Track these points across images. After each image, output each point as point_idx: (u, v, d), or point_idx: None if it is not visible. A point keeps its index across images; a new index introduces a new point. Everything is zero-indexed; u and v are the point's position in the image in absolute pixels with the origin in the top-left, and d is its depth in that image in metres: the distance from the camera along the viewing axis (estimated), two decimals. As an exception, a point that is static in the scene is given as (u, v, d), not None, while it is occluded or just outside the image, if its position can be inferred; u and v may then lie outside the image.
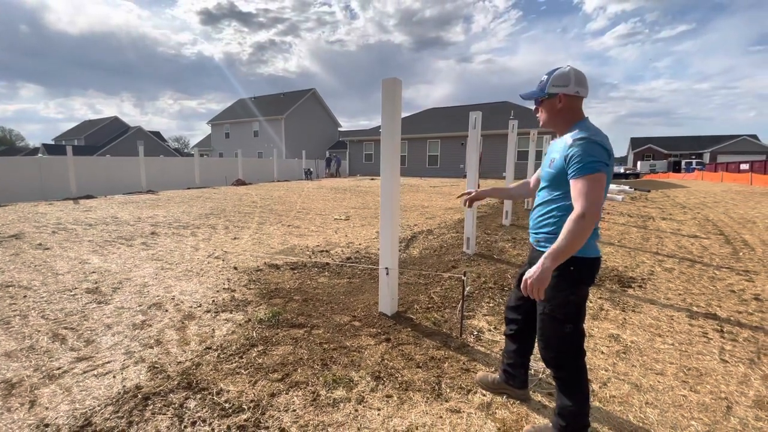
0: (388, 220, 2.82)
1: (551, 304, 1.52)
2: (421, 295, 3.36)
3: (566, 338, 1.53)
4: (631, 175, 32.75)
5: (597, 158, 1.37)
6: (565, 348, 1.54)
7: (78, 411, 1.88)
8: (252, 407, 1.89)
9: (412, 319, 2.89)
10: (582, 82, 1.52)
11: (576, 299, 1.51)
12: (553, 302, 1.51)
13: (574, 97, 1.52)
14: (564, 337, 1.53)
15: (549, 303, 1.52)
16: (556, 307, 1.51)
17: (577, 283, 1.50)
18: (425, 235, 5.85)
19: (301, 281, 3.78)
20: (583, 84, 1.53)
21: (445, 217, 7.63)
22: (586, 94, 1.54)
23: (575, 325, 1.53)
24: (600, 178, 1.35)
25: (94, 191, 12.61)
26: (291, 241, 5.56)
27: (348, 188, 14.95)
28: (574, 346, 1.54)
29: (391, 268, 2.83)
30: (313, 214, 8.14)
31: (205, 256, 4.67)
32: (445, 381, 2.09)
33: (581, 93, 1.53)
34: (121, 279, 3.84)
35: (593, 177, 1.34)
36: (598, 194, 1.33)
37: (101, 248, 5.10)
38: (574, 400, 1.53)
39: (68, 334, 2.69)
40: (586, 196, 1.33)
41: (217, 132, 38.18)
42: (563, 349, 1.54)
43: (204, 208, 8.82)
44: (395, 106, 2.71)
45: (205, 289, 3.56)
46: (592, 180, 1.34)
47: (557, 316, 1.52)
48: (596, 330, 2.74)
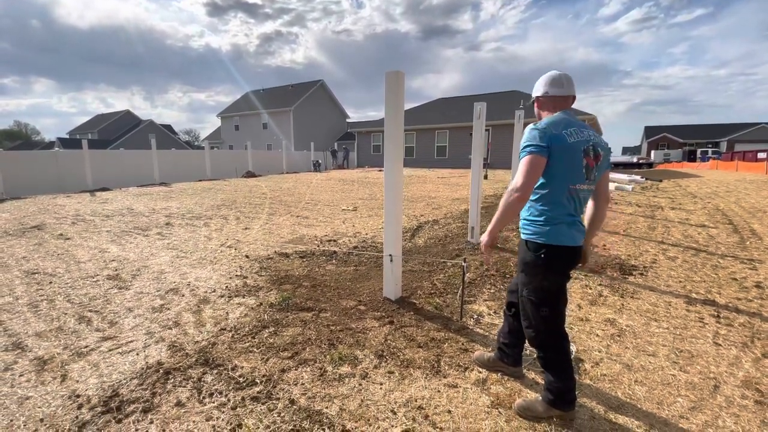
0: (392, 209, 2.93)
1: (527, 288, 1.66)
2: (425, 282, 3.48)
3: (544, 320, 1.64)
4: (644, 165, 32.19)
5: (528, 142, 1.55)
6: (543, 329, 1.66)
7: (106, 384, 2.06)
8: (264, 381, 2.04)
9: (415, 303, 3.02)
10: (553, 83, 1.68)
11: (548, 285, 1.62)
12: (529, 287, 1.65)
13: (545, 98, 1.71)
14: (541, 319, 1.65)
15: (525, 287, 1.67)
16: (532, 291, 1.65)
17: (548, 269, 1.60)
18: (431, 225, 5.95)
19: (310, 269, 3.93)
20: (555, 83, 1.68)
21: (451, 207, 7.71)
22: (558, 92, 1.68)
23: (551, 309, 1.64)
24: (528, 160, 1.53)
25: (109, 184, 12.95)
26: (300, 231, 5.72)
27: (356, 180, 15.06)
28: (551, 327, 1.66)
29: (395, 255, 2.95)
30: (321, 205, 8.28)
31: (218, 245, 4.85)
32: (444, 359, 2.22)
33: (550, 92, 1.69)
34: (140, 266, 4.04)
35: (523, 159, 1.55)
36: (525, 173, 1.52)
37: (119, 238, 5.32)
38: (557, 377, 1.66)
39: (93, 317, 2.88)
40: (517, 175, 1.56)
41: (226, 125, 38.51)
42: (541, 330, 1.66)
43: (216, 200, 9.04)
44: (398, 98, 2.80)
45: (218, 276, 3.73)
46: (523, 162, 1.55)
47: (533, 299, 1.65)
48: (593, 315, 2.84)
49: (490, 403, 1.84)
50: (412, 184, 12.98)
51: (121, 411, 1.83)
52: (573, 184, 1.57)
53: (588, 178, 1.59)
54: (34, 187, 11.61)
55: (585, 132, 1.60)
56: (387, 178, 2.92)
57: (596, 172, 1.61)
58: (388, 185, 2.92)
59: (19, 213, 7.61)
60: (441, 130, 24.21)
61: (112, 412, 1.82)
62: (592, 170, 1.59)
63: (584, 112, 19.00)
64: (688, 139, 45.67)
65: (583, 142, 1.56)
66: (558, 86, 1.67)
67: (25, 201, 9.49)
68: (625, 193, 10.60)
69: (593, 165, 1.58)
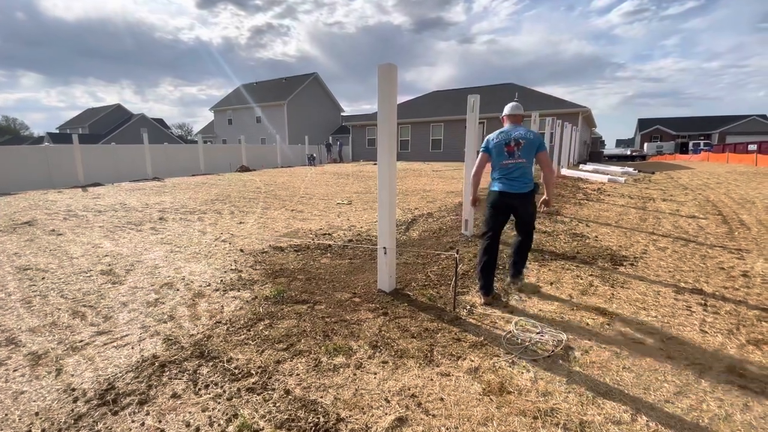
0: (385, 201, 2.94)
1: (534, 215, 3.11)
2: (419, 274, 3.51)
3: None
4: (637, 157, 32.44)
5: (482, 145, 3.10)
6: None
7: (101, 377, 2.07)
8: (259, 372, 2.06)
9: (409, 295, 3.05)
10: (505, 111, 3.15)
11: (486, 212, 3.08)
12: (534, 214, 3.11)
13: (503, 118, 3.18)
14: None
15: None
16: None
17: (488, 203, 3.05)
18: (425, 218, 5.98)
19: (305, 262, 3.94)
20: (505, 111, 3.16)
21: (446, 200, 7.74)
22: (503, 115, 3.17)
23: (486, 224, 3.07)
24: (480, 156, 3.11)
25: (101, 179, 12.81)
26: (295, 224, 5.72)
27: (350, 174, 15.03)
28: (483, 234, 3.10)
29: (388, 247, 2.97)
30: (316, 199, 8.28)
31: (213, 240, 4.84)
32: (437, 349, 2.25)
33: (501, 116, 3.20)
34: (133, 261, 4.02)
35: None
36: (477, 163, 3.14)
37: (112, 233, 5.29)
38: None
39: (87, 312, 2.88)
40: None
41: (220, 118, 38.12)
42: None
43: (209, 194, 8.99)
44: (391, 91, 2.80)
45: (213, 270, 3.73)
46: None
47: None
48: (584, 304, 2.88)
49: (482, 391, 1.87)
50: (407, 177, 12.98)
51: (117, 403, 1.84)
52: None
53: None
54: (24, 183, 11.46)
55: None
56: (381, 171, 2.93)
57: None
58: (381, 178, 2.93)
59: (9, 209, 7.51)
60: (436, 124, 24.17)
61: (108, 404, 1.84)
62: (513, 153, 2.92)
63: (579, 105, 19.05)
64: (680, 131, 46.02)
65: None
66: (504, 113, 3.17)
67: (15, 197, 9.37)
68: (618, 185, 10.69)
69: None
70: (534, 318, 2.65)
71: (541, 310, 2.78)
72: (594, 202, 7.58)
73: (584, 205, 7.30)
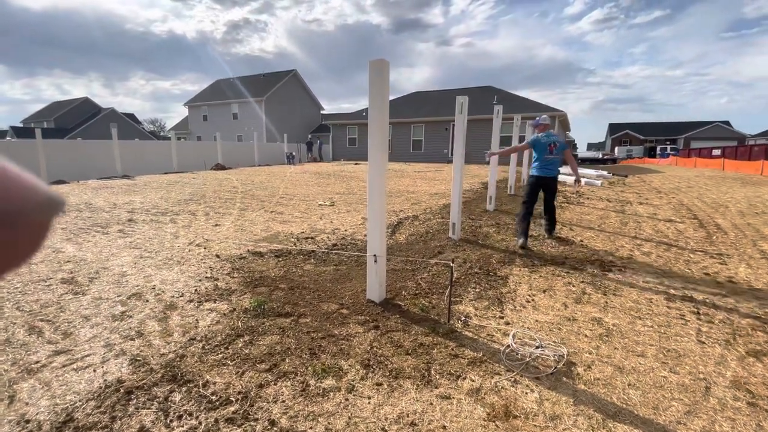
0: (376, 206, 2.78)
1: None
2: (409, 282, 3.37)
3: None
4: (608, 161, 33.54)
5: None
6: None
7: (59, 406, 1.81)
8: (240, 399, 1.85)
9: (400, 305, 2.89)
10: (544, 121, 4.70)
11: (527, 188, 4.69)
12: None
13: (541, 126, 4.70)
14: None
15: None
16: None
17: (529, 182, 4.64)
18: (411, 220, 5.85)
19: (287, 269, 3.72)
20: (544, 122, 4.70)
21: (430, 202, 7.64)
22: (542, 123, 4.69)
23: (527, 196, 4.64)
24: (524, 144, 5.15)
25: (66, 176, 12.04)
26: (275, 227, 5.46)
27: (332, 173, 14.76)
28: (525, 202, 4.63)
29: (379, 255, 2.81)
30: (296, 199, 8.01)
31: (186, 244, 4.54)
32: (435, 367, 2.10)
33: (538, 123, 4.74)
34: (98, 268, 3.70)
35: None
36: (520, 146, 5.65)
37: (75, 236, 4.89)
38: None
39: (45, 327, 2.58)
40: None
41: (194, 114, 36.87)
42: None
43: (183, 194, 8.56)
44: (383, 88, 2.64)
45: (186, 278, 3.46)
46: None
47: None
48: (579, 314, 2.81)
49: (486, 416, 1.74)
50: (390, 178, 12.84)
51: (74, 441, 1.60)
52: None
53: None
54: (-23, 180, 10.61)
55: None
56: (372, 174, 2.76)
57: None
58: (372, 181, 2.77)
59: (-41, 208, 6.89)
60: (417, 125, 24.17)
61: (62, 443, 1.59)
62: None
63: (555, 109, 19.44)
64: (648, 136, 47.94)
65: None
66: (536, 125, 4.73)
67: (-34, 195, 8.62)
68: (595, 188, 10.91)
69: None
70: (531, 330, 2.55)
71: (538, 320, 2.69)
72: (574, 206, 7.66)
73: (565, 208, 7.35)
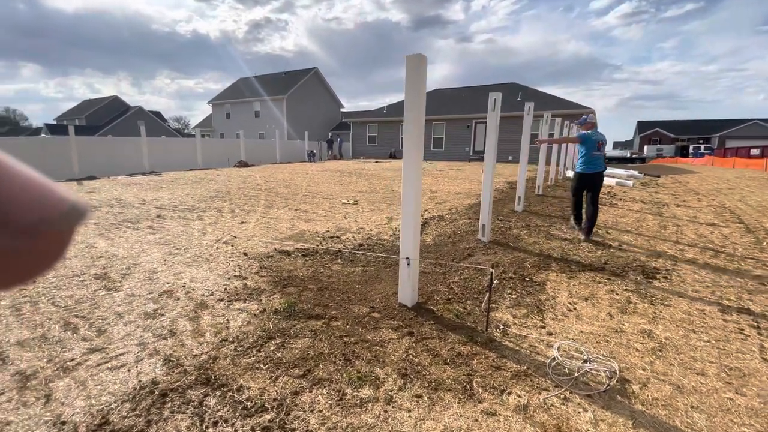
0: (410, 207, 2.68)
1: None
2: (440, 285, 3.25)
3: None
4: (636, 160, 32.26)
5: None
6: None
7: (94, 407, 1.79)
8: (276, 407, 1.79)
9: (434, 310, 2.78)
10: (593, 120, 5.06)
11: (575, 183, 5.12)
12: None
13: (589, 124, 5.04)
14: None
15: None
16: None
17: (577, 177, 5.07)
18: (437, 221, 5.72)
19: (315, 269, 3.67)
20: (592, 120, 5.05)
21: (455, 202, 7.48)
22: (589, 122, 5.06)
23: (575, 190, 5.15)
24: (574, 138, 5.36)
25: (97, 172, 12.44)
26: (299, 226, 5.44)
27: (353, 171, 14.74)
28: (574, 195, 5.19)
29: (412, 258, 2.71)
30: (320, 198, 7.99)
31: (214, 241, 4.55)
32: (476, 380, 1.99)
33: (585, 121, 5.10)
34: (130, 264, 3.74)
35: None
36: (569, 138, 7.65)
37: (107, 231, 4.99)
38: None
39: (80, 323, 2.60)
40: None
41: (218, 112, 37.61)
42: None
43: (208, 191, 8.68)
44: (419, 84, 2.53)
45: (216, 276, 3.45)
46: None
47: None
48: (627, 325, 2.63)
49: (537, 436, 1.62)
50: (411, 176, 12.74)
51: (111, 446, 1.57)
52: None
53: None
54: (16, 175, 11.05)
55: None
56: (406, 173, 2.66)
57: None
58: (407, 180, 2.66)
59: (0, 203, 7.18)
60: (438, 122, 23.89)
61: (99, 447, 1.56)
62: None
63: (584, 106, 18.83)
64: (679, 134, 45.99)
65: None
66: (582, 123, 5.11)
67: (6, 189, 8.99)
68: (627, 188, 10.47)
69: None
70: (576, 341, 2.40)
71: (582, 331, 2.53)
72: (608, 207, 7.34)
73: (599, 210, 7.05)
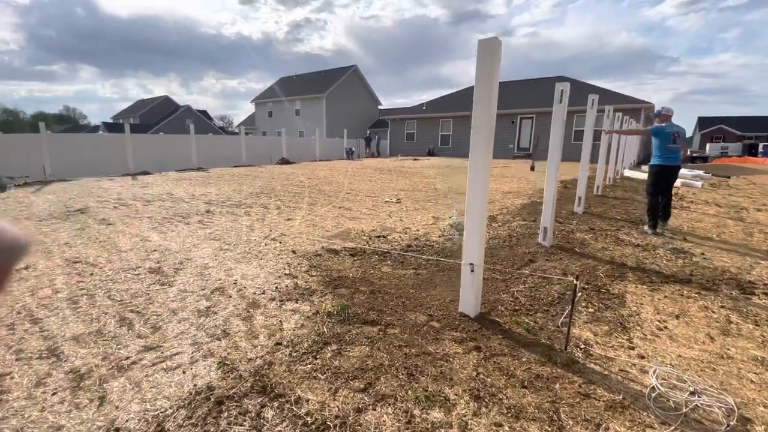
0: (476, 208, 2.43)
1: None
2: (503, 294, 2.98)
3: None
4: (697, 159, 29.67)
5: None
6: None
7: (149, 413, 1.71)
8: (338, 425, 1.62)
9: (500, 323, 2.52)
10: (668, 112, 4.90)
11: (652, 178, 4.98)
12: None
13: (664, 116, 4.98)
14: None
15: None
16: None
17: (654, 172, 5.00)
18: (489, 221, 5.39)
19: (364, 270, 3.51)
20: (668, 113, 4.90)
21: (504, 201, 7.09)
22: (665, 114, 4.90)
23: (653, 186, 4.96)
24: (646, 132, 5.46)
25: (150, 167, 13.09)
26: (345, 224, 5.32)
27: (392, 169, 14.57)
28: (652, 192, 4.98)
29: (476, 264, 2.46)
30: (362, 195, 7.87)
31: (262, 238, 4.52)
32: (563, 409, 1.72)
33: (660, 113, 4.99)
34: (182, 259, 3.75)
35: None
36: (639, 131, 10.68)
37: (160, 225, 5.11)
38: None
39: (135, 319, 2.58)
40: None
41: (260, 111, 38.79)
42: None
43: (254, 187, 8.82)
44: (492, 72, 2.27)
45: (266, 274, 3.37)
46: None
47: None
48: (733, 350, 2.25)
49: (654, 489, 1.33)
50: (454, 174, 12.36)
51: (168, 459, 1.46)
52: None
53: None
54: (79, 170, 11.86)
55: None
56: (473, 171, 2.41)
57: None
58: (473, 179, 2.42)
59: (65, 195, 7.65)
60: (479, 119, 23.15)
61: (157, 459, 1.46)
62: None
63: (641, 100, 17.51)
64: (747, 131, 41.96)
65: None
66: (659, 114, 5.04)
67: (71, 183, 9.64)
68: (696, 190, 9.54)
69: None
70: (675, 367, 2.06)
71: (681, 356, 2.18)
72: (679, 210, 6.66)
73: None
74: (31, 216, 5.78)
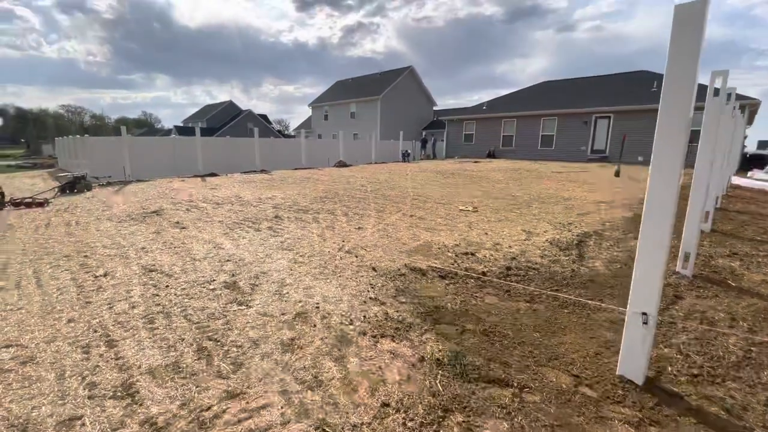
0: (656, 234, 1.77)
1: None
2: (664, 347, 2.26)
3: None
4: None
5: None
6: None
7: None
8: None
9: (680, 395, 1.83)
10: None
11: None
12: None
13: None
14: None
15: None
16: None
17: None
18: (595, 239, 4.57)
19: (463, 299, 2.94)
20: None
21: (602, 213, 6.15)
22: None
23: None
24: None
25: (216, 169, 13.55)
26: (421, 236, 4.79)
27: (453, 172, 13.84)
28: None
29: (651, 315, 1.80)
30: (431, 202, 7.30)
31: (336, 250, 4.13)
32: None
33: None
34: (257, 272, 3.44)
35: None
36: None
37: (231, 231, 4.93)
38: None
39: (213, 349, 2.23)
40: None
41: (317, 114, 39.65)
42: None
43: (317, 191, 8.61)
44: (692, 47, 1.61)
45: (349, 297, 2.93)
46: None
47: None
48: None
49: None
50: (524, 178, 11.37)
51: None
52: None
53: None
54: (154, 170, 12.51)
55: None
56: (654, 189, 1.75)
57: None
58: (654, 193, 1.76)
59: (143, 196, 7.94)
60: (548, 117, 21.61)
61: None
62: None
63: (744, 96, 15.18)
64: None
65: None
66: None
67: (148, 184, 10.11)
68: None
69: None
70: None
71: None
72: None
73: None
74: (111, 217, 5.92)
